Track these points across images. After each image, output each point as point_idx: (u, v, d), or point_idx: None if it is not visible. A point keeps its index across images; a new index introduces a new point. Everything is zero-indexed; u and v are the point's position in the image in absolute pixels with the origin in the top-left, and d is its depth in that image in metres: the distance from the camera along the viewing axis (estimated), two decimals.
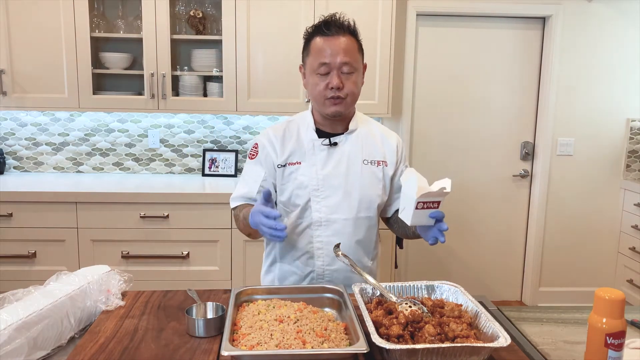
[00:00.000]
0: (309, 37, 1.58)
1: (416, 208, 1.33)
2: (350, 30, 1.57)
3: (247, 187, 1.62)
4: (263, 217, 1.33)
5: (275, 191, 1.63)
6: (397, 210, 1.69)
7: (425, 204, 1.34)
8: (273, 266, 1.70)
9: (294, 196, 1.59)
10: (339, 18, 1.56)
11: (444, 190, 1.33)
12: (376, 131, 1.69)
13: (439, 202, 1.36)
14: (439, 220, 1.37)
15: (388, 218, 1.75)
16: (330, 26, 1.53)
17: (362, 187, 1.60)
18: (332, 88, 1.51)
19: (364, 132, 1.66)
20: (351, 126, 1.64)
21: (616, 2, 3.44)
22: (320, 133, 1.63)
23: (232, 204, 1.66)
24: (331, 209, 1.59)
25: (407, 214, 1.36)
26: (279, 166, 1.61)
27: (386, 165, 1.65)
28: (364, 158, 1.62)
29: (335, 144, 1.61)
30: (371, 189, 1.61)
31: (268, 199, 1.37)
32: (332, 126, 1.63)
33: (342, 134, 1.63)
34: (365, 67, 1.63)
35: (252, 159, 1.65)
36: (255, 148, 1.65)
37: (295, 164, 1.60)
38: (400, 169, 1.68)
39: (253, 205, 1.56)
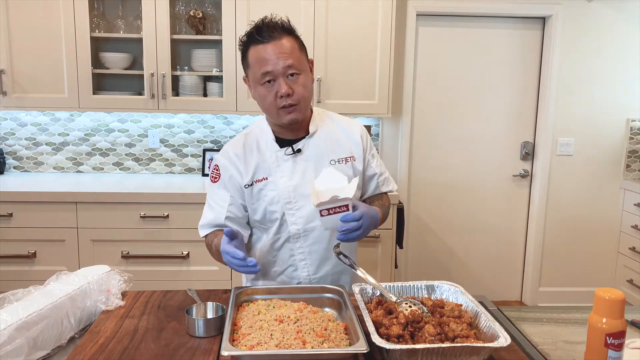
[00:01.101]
0: (243, 47, 1.47)
1: (321, 215, 1.32)
2: (286, 30, 1.45)
3: (214, 213, 1.56)
4: (231, 257, 1.31)
5: (246, 211, 1.57)
6: (366, 199, 1.66)
7: (330, 209, 1.32)
8: (255, 284, 1.65)
9: (268, 213, 1.53)
10: (271, 20, 1.45)
11: (338, 197, 1.30)
12: (338, 126, 1.61)
13: (347, 205, 1.32)
14: (345, 231, 1.34)
15: None
16: (262, 31, 1.42)
17: None
18: (282, 97, 1.42)
19: (326, 131, 1.57)
20: (311, 129, 1.55)
21: (616, 2, 3.44)
22: (281, 141, 1.54)
23: (202, 233, 1.59)
24: (307, 218, 1.53)
25: (319, 220, 1.36)
26: (246, 186, 1.53)
27: (354, 160, 1.58)
28: (331, 158, 1.55)
29: (299, 150, 1.53)
30: None
31: (232, 237, 1.34)
32: (292, 132, 1.54)
33: (304, 137, 1.55)
34: (312, 63, 1.53)
35: (214, 182, 1.57)
36: (217, 170, 1.57)
37: (262, 180, 1.53)
38: (367, 159, 1.62)
39: (223, 232, 1.51)
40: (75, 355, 1.15)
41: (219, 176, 1.57)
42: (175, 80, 3.14)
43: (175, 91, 3.15)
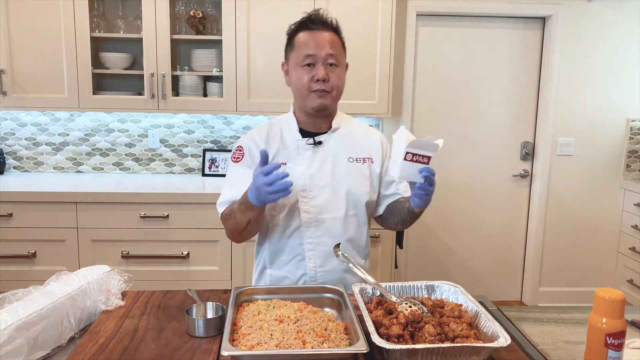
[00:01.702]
0: (292, 32, 1.58)
1: (405, 159, 1.28)
2: (334, 28, 1.57)
3: (236, 189, 1.55)
4: (263, 175, 1.31)
5: None
6: (389, 205, 1.67)
7: (415, 156, 1.29)
8: (263, 273, 1.67)
9: (281, 198, 1.55)
10: (324, 15, 1.56)
11: (434, 142, 1.28)
12: (359, 129, 1.69)
13: (429, 158, 1.30)
14: (427, 179, 1.32)
15: (381, 216, 1.72)
16: (315, 21, 1.54)
17: (349, 185, 1.59)
18: (317, 80, 1.51)
19: (347, 130, 1.65)
20: (334, 124, 1.63)
21: (616, 2, 3.44)
22: (304, 133, 1.62)
23: (220, 209, 1.60)
24: (320, 208, 1.57)
25: (396, 166, 1.31)
26: None
27: (372, 162, 1.64)
28: (349, 156, 1.61)
29: (320, 142, 1.60)
30: (358, 187, 1.60)
31: (266, 160, 1.36)
32: (316, 125, 1.62)
33: (326, 132, 1.62)
34: (347, 66, 1.63)
35: (237, 161, 1.61)
36: (240, 150, 1.62)
37: (280, 165, 1.55)
38: (387, 165, 1.66)
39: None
40: (75, 355, 1.15)
41: (242, 156, 1.62)
42: (175, 80, 3.14)
43: (175, 91, 3.15)
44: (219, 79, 3.16)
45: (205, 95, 3.18)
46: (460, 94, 3.55)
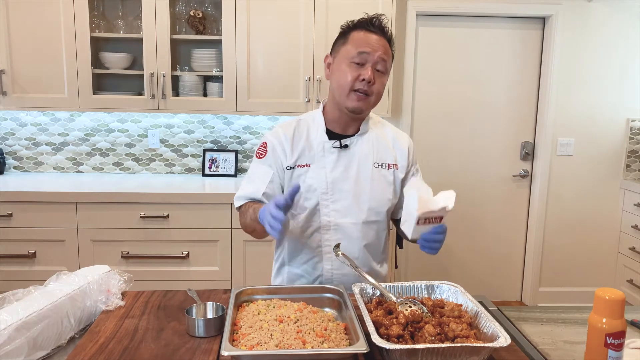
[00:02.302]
0: (349, 28, 1.56)
1: (417, 224, 1.31)
2: (388, 38, 1.56)
3: (254, 186, 1.57)
4: (272, 205, 1.29)
5: (282, 192, 1.60)
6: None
7: (427, 219, 1.31)
8: (282, 269, 1.67)
9: (302, 199, 1.56)
10: (383, 21, 1.56)
11: (446, 209, 1.31)
12: (388, 133, 1.66)
13: (441, 217, 1.33)
14: (438, 236, 1.34)
15: (398, 220, 1.71)
16: (375, 24, 1.53)
17: (372, 192, 1.57)
18: (363, 80, 1.49)
19: (376, 135, 1.62)
20: (362, 128, 1.60)
21: (616, 1, 3.44)
22: (331, 134, 1.59)
23: (237, 203, 1.61)
24: (340, 213, 1.56)
25: (408, 228, 1.33)
26: (288, 168, 1.57)
27: (397, 169, 1.62)
28: (375, 161, 1.59)
29: (346, 146, 1.58)
30: (381, 193, 1.59)
31: (293, 197, 1.34)
32: (344, 127, 1.60)
33: (353, 135, 1.60)
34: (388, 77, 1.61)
35: (260, 158, 1.61)
36: (264, 147, 1.61)
37: (304, 166, 1.56)
38: (412, 172, 1.66)
39: (263, 204, 1.54)
40: (75, 355, 1.15)
41: (265, 153, 1.60)
42: (175, 80, 3.14)
43: (175, 91, 3.15)
44: (219, 79, 3.16)
45: (205, 95, 3.18)
46: (460, 94, 3.55)
